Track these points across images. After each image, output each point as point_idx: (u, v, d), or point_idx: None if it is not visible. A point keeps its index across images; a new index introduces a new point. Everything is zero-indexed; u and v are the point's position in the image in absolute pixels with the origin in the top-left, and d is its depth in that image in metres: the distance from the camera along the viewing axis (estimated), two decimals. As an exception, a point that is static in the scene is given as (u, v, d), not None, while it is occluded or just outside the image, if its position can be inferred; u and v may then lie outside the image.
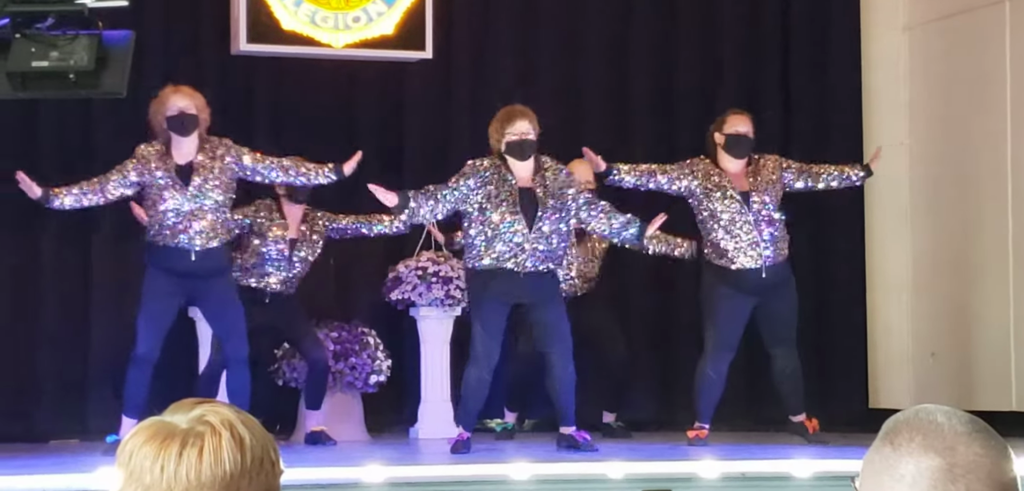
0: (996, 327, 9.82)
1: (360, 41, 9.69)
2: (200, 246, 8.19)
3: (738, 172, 8.69)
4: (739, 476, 7.48)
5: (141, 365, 8.15)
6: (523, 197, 8.21)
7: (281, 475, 2.09)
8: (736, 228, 8.59)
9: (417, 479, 7.37)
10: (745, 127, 8.71)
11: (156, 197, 8.18)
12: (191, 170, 8.18)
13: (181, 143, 8.19)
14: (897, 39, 10.70)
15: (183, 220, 8.15)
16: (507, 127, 8.25)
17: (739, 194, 8.61)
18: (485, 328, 8.24)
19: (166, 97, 8.23)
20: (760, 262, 8.61)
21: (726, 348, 8.73)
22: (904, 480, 1.99)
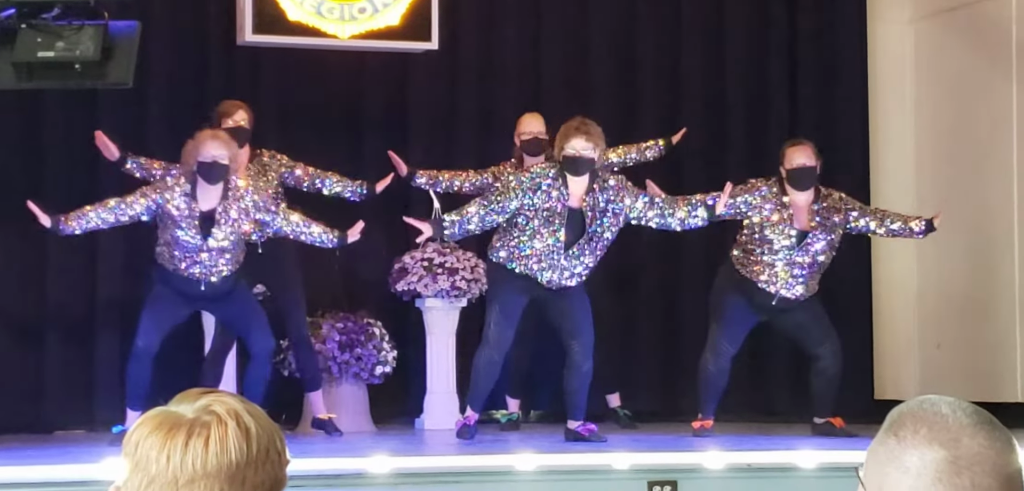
0: (1002, 319, 9.82)
1: (366, 32, 9.68)
2: (213, 278, 8.22)
3: (804, 205, 8.59)
4: (745, 467, 7.48)
5: (141, 358, 8.15)
6: (571, 217, 8.15)
7: (287, 465, 2.09)
8: (778, 259, 8.56)
9: (423, 470, 7.37)
10: (804, 158, 8.57)
11: (172, 231, 8.15)
12: (212, 220, 8.16)
13: (207, 190, 8.16)
14: (903, 32, 10.69)
15: (195, 259, 8.16)
16: (566, 141, 8.12)
17: (796, 232, 8.55)
18: (503, 313, 8.22)
19: (203, 141, 8.15)
20: (780, 290, 8.58)
21: (729, 344, 8.73)
22: (909, 472, 1.99)
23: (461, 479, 7.22)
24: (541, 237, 8.11)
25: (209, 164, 8.09)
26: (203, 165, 8.10)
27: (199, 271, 8.19)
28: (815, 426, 8.84)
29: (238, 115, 8.80)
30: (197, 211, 8.13)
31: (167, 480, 2.01)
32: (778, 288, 8.60)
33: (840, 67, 10.74)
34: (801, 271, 8.59)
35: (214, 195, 8.18)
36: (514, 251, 8.18)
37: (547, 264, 8.14)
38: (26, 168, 9.36)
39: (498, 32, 10.37)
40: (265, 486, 2.05)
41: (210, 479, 2.01)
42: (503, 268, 8.23)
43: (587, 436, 8.28)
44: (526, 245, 8.14)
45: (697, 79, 10.58)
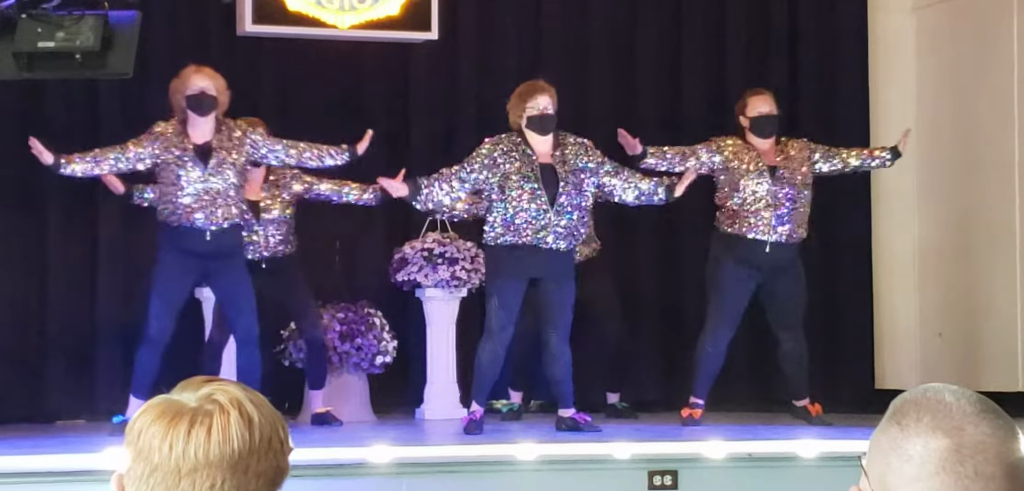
0: (1003, 308, 9.82)
1: (366, 22, 9.68)
2: (215, 226, 8.19)
3: (768, 149, 8.76)
4: (745, 457, 7.49)
5: (153, 345, 8.15)
6: (544, 173, 8.22)
7: (290, 453, 2.09)
8: (757, 199, 8.63)
9: (423, 460, 7.38)
10: (767, 107, 8.79)
11: (171, 176, 8.15)
12: (209, 151, 8.18)
13: (198, 123, 8.18)
14: (904, 20, 10.68)
15: (198, 199, 8.14)
16: (528, 102, 8.27)
17: (767, 167, 8.65)
18: (502, 304, 8.24)
19: (187, 76, 8.22)
20: (769, 235, 8.63)
21: (727, 324, 8.76)
22: (912, 460, 1.98)
23: (462, 469, 7.22)
24: (526, 199, 8.14)
25: (197, 96, 8.15)
26: (191, 98, 8.15)
27: (202, 217, 8.16)
28: (793, 410, 8.93)
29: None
30: (190, 144, 8.14)
31: (169, 469, 2.01)
32: (768, 234, 8.64)
33: (841, 55, 10.73)
34: (783, 209, 8.65)
35: (206, 128, 8.20)
36: (503, 225, 8.19)
37: (540, 227, 8.16)
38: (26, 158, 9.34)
39: (498, 21, 10.36)
40: (268, 475, 2.04)
41: (213, 468, 2.01)
42: (499, 251, 8.24)
43: (581, 424, 8.29)
44: (514, 213, 8.15)
45: (697, 69, 10.57)
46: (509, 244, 8.21)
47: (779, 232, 8.67)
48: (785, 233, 8.68)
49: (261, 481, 2.04)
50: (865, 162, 9.03)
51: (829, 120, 10.56)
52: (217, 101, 8.21)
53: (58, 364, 9.37)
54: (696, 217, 9.60)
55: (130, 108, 9.39)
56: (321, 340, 9.00)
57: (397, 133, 10.05)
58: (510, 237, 8.21)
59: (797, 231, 8.75)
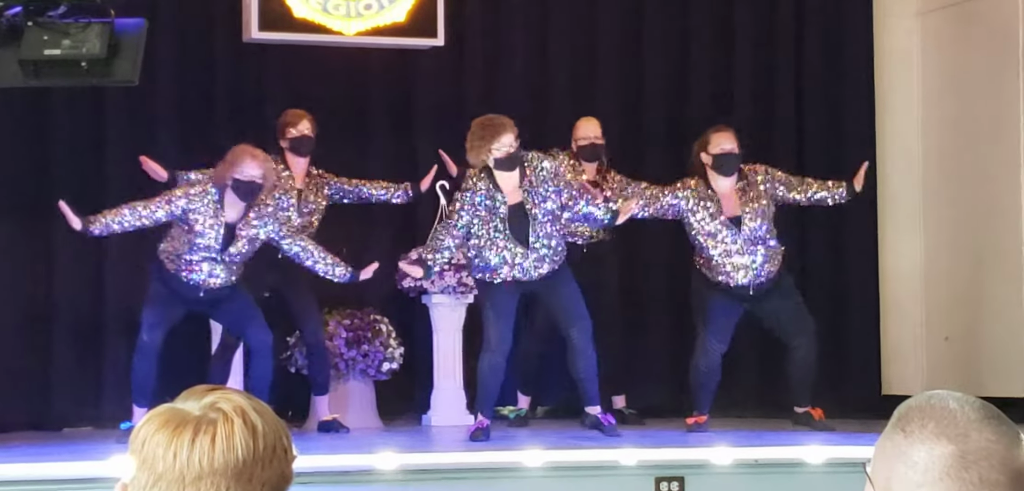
0: (1008, 314, 9.80)
1: (371, 28, 9.67)
2: (210, 287, 8.24)
3: (728, 192, 8.68)
4: (752, 463, 7.48)
5: (146, 353, 8.18)
6: (512, 216, 8.16)
7: (294, 461, 2.09)
8: (728, 254, 8.63)
9: (430, 466, 7.37)
10: (730, 144, 8.69)
11: (187, 234, 8.18)
12: (232, 233, 8.19)
13: (236, 202, 8.19)
14: (910, 25, 10.68)
15: (203, 265, 8.17)
16: (492, 142, 8.12)
17: (730, 220, 8.63)
18: (497, 315, 8.25)
19: (241, 157, 8.17)
20: (750, 279, 8.65)
21: (718, 341, 8.80)
22: (917, 467, 1.98)
23: (469, 475, 7.22)
24: (499, 243, 8.13)
25: (246, 183, 8.14)
26: (239, 183, 8.13)
27: (201, 278, 8.20)
28: (796, 416, 8.91)
29: (302, 125, 8.87)
30: (222, 222, 8.15)
31: (174, 477, 2.01)
32: (747, 279, 8.64)
33: (847, 60, 10.73)
34: (757, 253, 8.61)
35: (239, 209, 8.21)
36: (486, 270, 8.22)
37: (519, 265, 8.16)
38: (33, 166, 9.36)
39: (504, 28, 10.36)
40: (272, 483, 2.04)
41: (217, 476, 2.01)
42: (486, 283, 8.29)
43: (606, 426, 8.29)
44: (491, 258, 8.17)
45: (704, 75, 10.57)
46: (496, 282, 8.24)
47: (757, 274, 8.68)
48: (764, 274, 8.70)
49: (265, 489, 2.04)
50: (821, 195, 8.89)
51: (835, 126, 10.56)
52: (262, 189, 8.21)
53: (65, 371, 9.38)
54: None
55: (136, 116, 9.40)
56: (323, 346, 9.01)
57: (403, 140, 10.05)
58: (494, 279, 8.23)
59: (773, 264, 8.75)
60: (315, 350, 8.98)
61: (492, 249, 8.19)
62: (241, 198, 8.16)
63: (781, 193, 8.79)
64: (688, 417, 8.84)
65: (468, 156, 8.27)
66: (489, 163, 8.13)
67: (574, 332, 8.30)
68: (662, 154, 10.09)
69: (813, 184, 8.90)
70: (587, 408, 8.42)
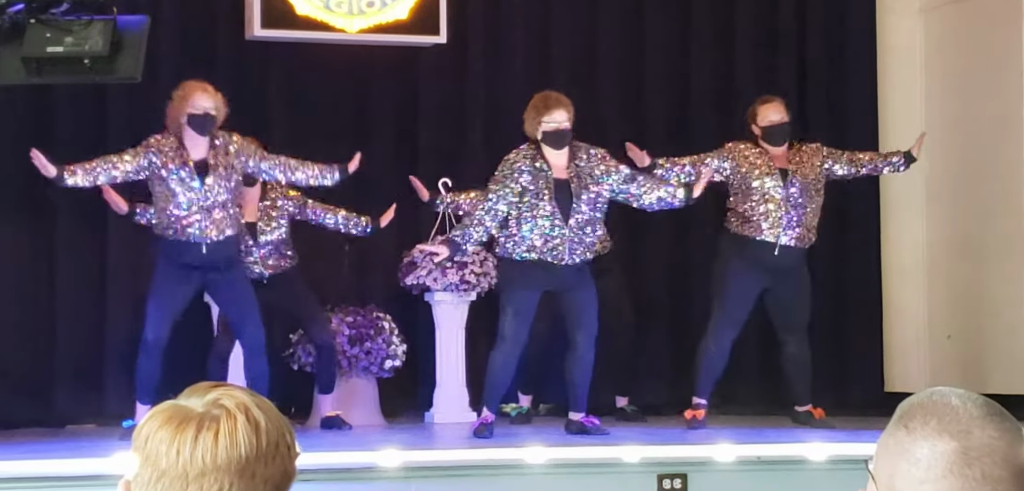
0: (1010, 311, 9.80)
1: (374, 26, 9.67)
2: (211, 239, 8.20)
3: (781, 155, 8.77)
4: (754, 460, 7.48)
5: (151, 351, 8.16)
6: (558, 189, 8.19)
7: (297, 458, 2.09)
8: (767, 202, 8.63)
9: (433, 463, 7.37)
10: (778, 115, 8.79)
11: (167, 190, 8.15)
12: (205, 167, 8.17)
13: (196, 140, 8.18)
14: (912, 22, 10.67)
15: (193, 213, 8.14)
16: (544, 115, 8.21)
17: (779, 170, 8.67)
18: (516, 312, 8.24)
19: (190, 92, 8.16)
20: (777, 238, 8.63)
21: (732, 324, 8.76)
22: (919, 463, 1.98)
23: (471, 472, 7.22)
24: (538, 219, 8.13)
25: (200, 116, 8.12)
26: (194, 118, 8.12)
27: (198, 231, 8.16)
28: (796, 415, 8.91)
29: None
30: (190, 161, 8.14)
31: (177, 474, 2.01)
32: (777, 235, 8.64)
33: (849, 57, 10.72)
34: (793, 212, 8.65)
35: (203, 145, 8.18)
36: (522, 241, 8.20)
37: (556, 243, 8.16)
38: (35, 163, 9.36)
39: (506, 26, 10.36)
40: (275, 479, 2.05)
41: (220, 473, 2.01)
42: (513, 262, 8.25)
43: (590, 429, 8.28)
44: (528, 233, 8.16)
45: (706, 72, 10.57)
46: (526, 260, 8.21)
47: (788, 235, 8.67)
48: (794, 237, 8.69)
49: (268, 486, 2.04)
50: (878, 166, 9.02)
51: (838, 122, 10.56)
52: (216, 120, 8.19)
53: (67, 368, 9.38)
54: (706, 220, 9.59)
55: (139, 113, 9.40)
56: (331, 344, 9.01)
57: (405, 138, 10.05)
58: (526, 253, 8.21)
59: (806, 236, 8.75)
60: (323, 349, 8.98)
61: (529, 223, 8.17)
62: (199, 132, 8.13)
63: (835, 167, 8.84)
64: (687, 409, 8.81)
65: (525, 128, 8.31)
66: (539, 136, 8.19)
67: (580, 336, 8.30)
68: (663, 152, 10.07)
69: (868, 155, 9.06)
70: (571, 413, 8.41)
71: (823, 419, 8.84)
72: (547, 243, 8.18)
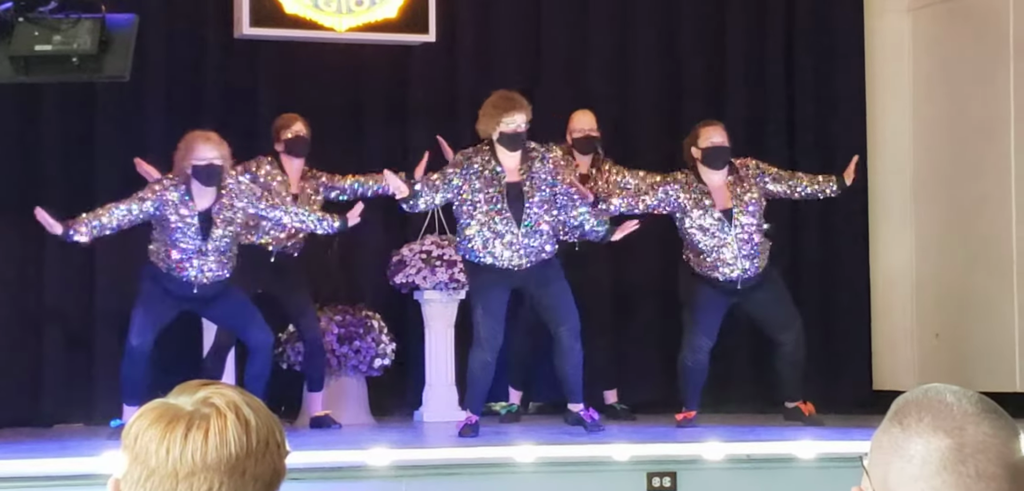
0: (999, 309, 9.81)
1: (363, 24, 9.67)
2: (204, 282, 8.21)
3: (720, 184, 8.71)
4: (744, 458, 7.49)
5: (134, 357, 8.15)
6: (510, 192, 8.19)
7: (287, 456, 2.09)
8: (718, 245, 8.64)
9: (422, 462, 7.37)
10: (720, 137, 8.73)
11: (169, 232, 8.16)
12: (210, 221, 8.16)
13: (203, 190, 8.16)
14: (900, 22, 10.68)
15: (191, 259, 8.15)
16: (503, 116, 8.19)
17: (721, 212, 8.63)
18: (487, 312, 8.25)
19: (194, 143, 8.14)
20: (738, 274, 8.67)
21: (705, 337, 8.82)
22: (913, 460, 1.98)
23: (461, 471, 7.22)
24: (492, 221, 8.13)
25: (204, 167, 8.09)
26: (199, 169, 8.10)
27: (193, 273, 8.18)
28: (786, 411, 8.94)
29: (296, 126, 8.87)
30: (195, 211, 8.13)
31: (167, 472, 2.00)
32: (735, 273, 8.65)
33: (837, 56, 10.73)
34: (745, 247, 8.63)
35: (209, 195, 8.17)
36: (478, 244, 8.21)
37: (509, 246, 8.16)
38: (23, 162, 9.35)
39: (496, 24, 10.35)
40: (265, 478, 2.04)
41: (210, 471, 2.00)
42: (475, 265, 8.27)
43: (588, 422, 8.27)
44: (481, 233, 8.15)
45: (695, 71, 10.57)
46: (486, 265, 8.22)
47: (746, 268, 8.70)
48: (753, 269, 8.73)
49: (258, 484, 2.03)
50: (811, 190, 8.92)
51: (825, 122, 10.57)
52: (222, 170, 8.17)
53: (55, 368, 9.36)
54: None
55: (127, 111, 9.39)
56: (320, 342, 9.00)
57: (394, 136, 10.04)
58: (485, 258, 8.22)
59: (761, 260, 8.78)
60: (313, 347, 8.97)
61: (477, 225, 8.17)
62: (204, 183, 8.12)
63: (771, 187, 8.80)
64: (678, 413, 8.85)
65: (478, 126, 8.30)
66: (494, 136, 8.17)
67: (562, 330, 8.29)
68: (654, 150, 10.08)
69: (804, 178, 8.94)
70: (570, 405, 8.41)
71: (813, 415, 8.85)
72: (503, 249, 8.17)
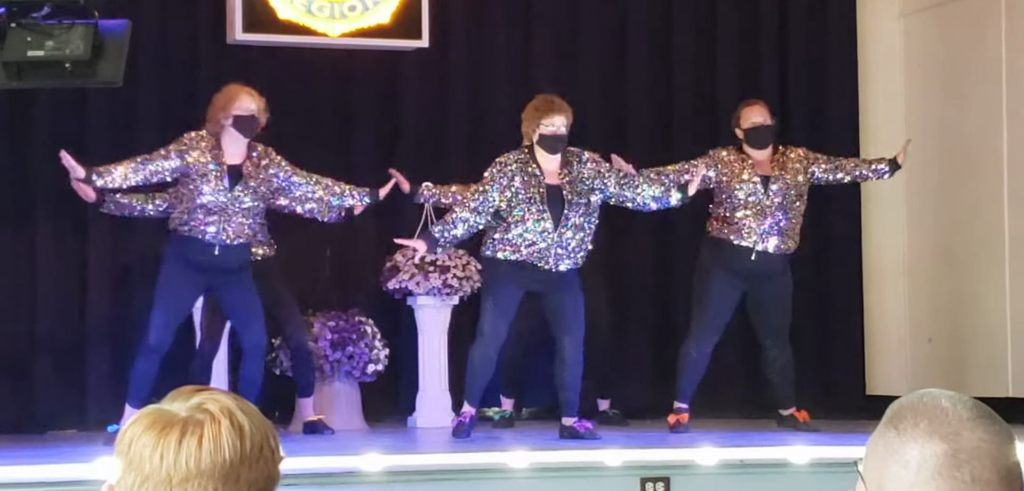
0: (992, 314, 9.82)
1: (356, 30, 9.67)
2: (225, 242, 8.16)
3: (764, 160, 8.75)
4: (737, 463, 7.48)
5: (151, 356, 8.10)
6: (550, 194, 8.17)
7: (281, 462, 2.08)
8: (749, 208, 8.63)
9: (415, 468, 7.36)
10: (761, 117, 8.78)
11: (193, 184, 8.10)
12: (239, 173, 8.15)
13: (237, 142, 8.15)
14: (893, 27, 10.69)
15: (215, 212, 8.11)
16: (544, 118, 8.19)
17: (760, 176, 8.65)
18: (497, 309, 8.21)
19: (236, 94, 8.15)
20: (756, 243, 8.63)
21: (712, 330, 8.78)
22: (909, 465, 1.98)
23: (454, 477, 7.21)
24: (530, 222, 8.11)
25: (247, 118, 8.12)
26: (240, 119, 8.12)
27: (215, 230, 8.12)
28: (780, 418, 8.93)
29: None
30: (225, 163, 8.11)
31: (161, 479, 2.00)
32: (755, 241, 8.64)
33: (830, 61, 10.75)
34: (772, 219, 8.64)
35: (241, 149, 8.17)
36: (508, 243, 8.17)
37: (543, 248, 8.14)
38: (16, 169, 9.34)
39: (489, 30, 10.36)
40: (259, 484, 2.04)
41: (204, 478, 2.00)
42: (498, 262, 8.23)
43: (582, 433, 8.26)
44: (518, 235, 8.14)
45: (688, 75, 10.58)
46: (512, 261, 8.18)
47: (766, 242, 8.67)
48: (773, 244, 8.68)
49: (252, 490, 2.03)
50: (863, 173, 9.00)
51: (819, 125, 10.58)
52: (260, 123, 8.19)
53: (48, 373, 9.35)
54: (686, 223, 9.60)
55: (120, 117, 9.38)
56: (307, 347, 8.97)
57: (387, 141, 10.04)
58: (513, 254, 8.19)
59: (785, 243, 8.74)
60: (299, 352, 8.95)
61: (519, 228, 8.14)
62: (245, 133, 8.13)
63: (818, 171, 8.81)
64: (670, 413, 8.83)
65: (523, 129, 8.29)
66: (535, 139, 8.17)
67: (567, 340, 8.27)
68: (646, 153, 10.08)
69: (853, 161, 9.03)
70: (564, 419, 8.38)
71: (808, 422, 8.86)
72: (535, 248, 8.15)
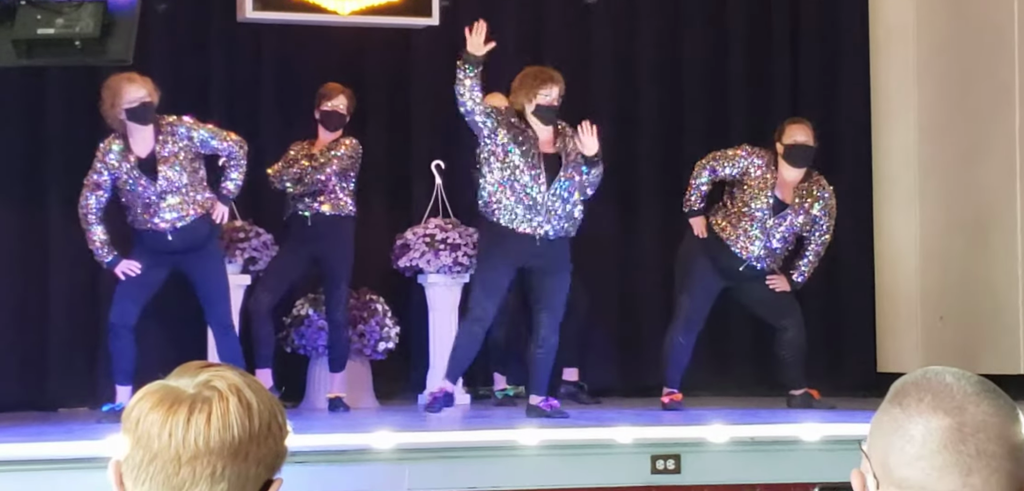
0: (1004, 291, 9.80)
1: (366, 7, 9.66)
2: (175, 226, 8.18)
3: (791, 182, 8.73)
4: (748, 440, 7.48)
5: (118, 333, 8.20)
6: (547, 162, 8.17)
7: (288, 437, 2.09)
8: (754, 225, 8.62)
9: (426, 445, 7.37)
10: (803, 136, 8.75)
11: (125, 191, 8.17)
12: (155, 162, 8.12)
13: (141, 132, 8.11)
14: (904, 4, 10.65)
15: (153, 207, 8.14)
16: (540, 88, 8.18)
17: (775, 199, 8.64)
18: (485, 287, 8.24)
19: (118, 88, 8.06)
20: (747, 258, 8.67)
21: (697, 319, 8.85)
22: (914, 440, 1.99)
23: (464, 454, 7.22)
24: (526, 175, 8.09)
25: (138, 108, 8.04)
26: (132, 111, 8.05)
27: (161, 221, 8.15)
28: (791, 398, 8.93)
29: (338, 100, 8.84)
30: (134, 160, 8.09)
31: (169, 457, 2.00)
32: (749, 254, 8.67)
33: (842, 40, 10.71)
34: (771, 242, 8.64)
35: (148, 136, 8.12)
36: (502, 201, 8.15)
37: (534, 212, 8.12)
38: (28, 149, 9.35)
39: (498, 7, 10.32)
40: (267, 460, 2.04)
41: (213, 455, 2.00)
42: (493, 230, 8.21)
43: (549, 412, 8.22)
44: (513, 179, 8.11)
45: (698, 54, 10.55)
46: (505, 226, 8.15)
47: (757, 259, 8.71)
48: (764, 263, 8.78)
49: (261, 466, 2.03)
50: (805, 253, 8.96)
51: (830, 105, 10.55)
52: (153, 105, 8.11)
53: (60, 352, 9.37)
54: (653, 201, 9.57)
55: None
56: (343, 322, 8.97)
57: (398, 119, 10.03)
58: (506, 218, 8.14)
59: (772, 264, 8.84)
60: (335, 326, 8.97)
61: (517, 197, 8.13)
62: (140, 122, 8.06)
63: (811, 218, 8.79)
64: (663, 395, 8.83)
65: (510, 99, 8.28)
66: (530, 109, 8.14)
67: (545, 317, 8.27)
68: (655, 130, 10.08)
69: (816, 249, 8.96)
70: (531, 398, 8.35)
71: (821, 400, 8.85)
72: (528, 212, 8.14)
